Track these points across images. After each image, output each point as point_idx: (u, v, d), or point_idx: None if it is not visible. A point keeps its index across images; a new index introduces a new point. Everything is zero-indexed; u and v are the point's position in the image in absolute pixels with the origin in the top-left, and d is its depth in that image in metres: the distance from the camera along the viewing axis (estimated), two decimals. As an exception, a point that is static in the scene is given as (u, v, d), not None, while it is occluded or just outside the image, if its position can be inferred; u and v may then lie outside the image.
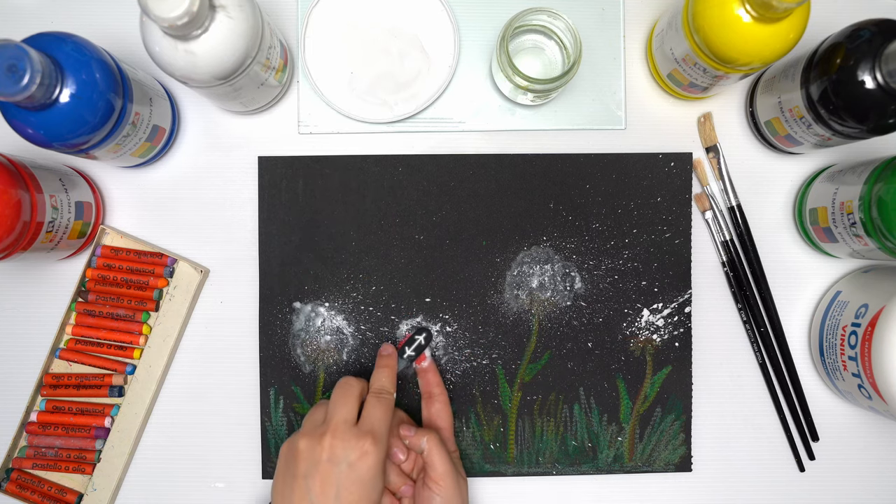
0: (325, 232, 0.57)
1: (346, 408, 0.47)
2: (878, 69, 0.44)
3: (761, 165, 0.59)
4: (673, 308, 0.58)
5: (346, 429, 0.46)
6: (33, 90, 0.42)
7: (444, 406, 0.55)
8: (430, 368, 0.56)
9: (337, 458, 0.45)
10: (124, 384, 0.57)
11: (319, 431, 0.47)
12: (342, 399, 0.48)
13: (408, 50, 0.57)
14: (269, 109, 0.58)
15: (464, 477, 0.52)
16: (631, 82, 0.59)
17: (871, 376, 0.50)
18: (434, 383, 0.55)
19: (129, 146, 0.51)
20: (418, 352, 0.55)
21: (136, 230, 0.58)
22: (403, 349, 0.55)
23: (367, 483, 0.45)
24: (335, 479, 0.45)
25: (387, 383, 0.51)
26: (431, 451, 0.50)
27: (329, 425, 0.47)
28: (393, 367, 0.52)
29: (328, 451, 0.46)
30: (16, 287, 0.58)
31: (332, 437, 0.46)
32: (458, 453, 0.54)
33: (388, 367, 0.52)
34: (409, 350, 0.55)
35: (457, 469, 0.51)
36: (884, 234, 0.48)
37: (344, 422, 0.47)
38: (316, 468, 0.45)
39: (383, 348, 0.54)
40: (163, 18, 0.41)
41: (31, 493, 0.56)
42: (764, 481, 0.58)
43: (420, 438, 0.50)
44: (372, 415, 0.48)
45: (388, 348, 0.54)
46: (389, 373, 0.51)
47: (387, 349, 0.54)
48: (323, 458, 0.45)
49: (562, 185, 0.58)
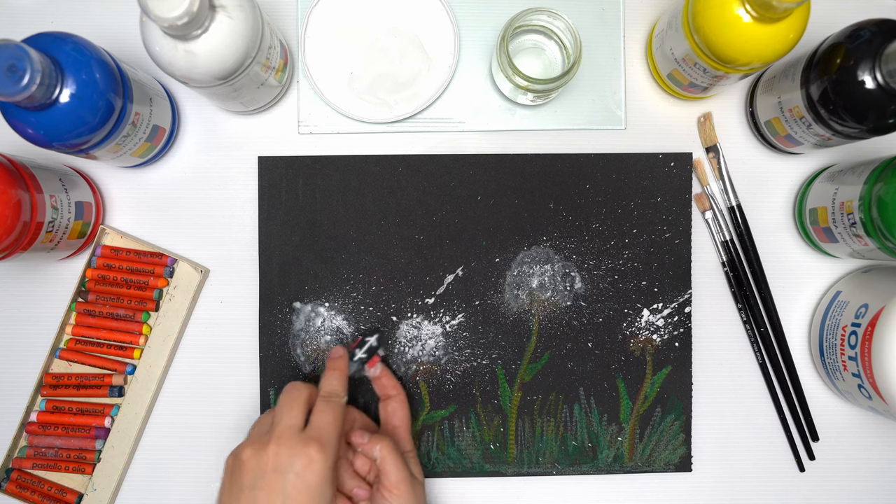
0: (325, 232, 0.57)
1: (292, 413, 0.46)
2: (878, 69, 0.44)
3: (761, 165, 0.59)
4: (673, 308, 0.58)
5: (291, 435, 0.45)
6: (33, 90, 0.42)
7: (401, 404, 0.54)
8: (384, 374, 0.55)
9: (282, 467, 0.44)
10: (124, 384, 0.57)
11: (265, 440, 0.45)
12: (288, 405, 0.47)
13: (408, 50, 0.57)
14: (269, 109, 0.58)
15: (420, 480, 0.51)
16: (631, 82, 0.59)
17: (871, 376, 0.50)
18: (389, 386, 0.54)
19: (129, 146, 0.51)
20: (370, 354, 0.54)
21: (136, 230, 0.58)
22: (354, 352, 0.54)
23: (314, 491, 0.44)
24: (281, 489, 0.43)
25: (336, 386, 0.49)
26: (384, 459, 0.49)
27: (274, 433, 0.45)
28: (343, 369, 0.51)
29: (273, 460, 0.44)
30: (16, 287, 0.58)
31: (278, 444, 0.44)
32: (415, 452, 0.53)
33: (337, 369, 0.50)
34: (359, 353, 0.54)
35: (412, 472, 0.50)
36: (884, 234, 0.48)
37: (289, 428, 0.45)
38: (262, 479, 0.44)
39: (333, 351, 0.53)
40: (163, 18, 0.41)
41: (31, 493, 0.56)
42: (764, 481, 0.58)
43: (373, 446, 0.49)
44: (319, 420, 0.46)
45: (339, 351, 0.53)
46: (339, 375, 0.50)
47: (337, 352, 0.53)
48: (269, 468, 0.44)
49: (562, 185, 0.58)
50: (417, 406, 0.57)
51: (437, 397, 0.58)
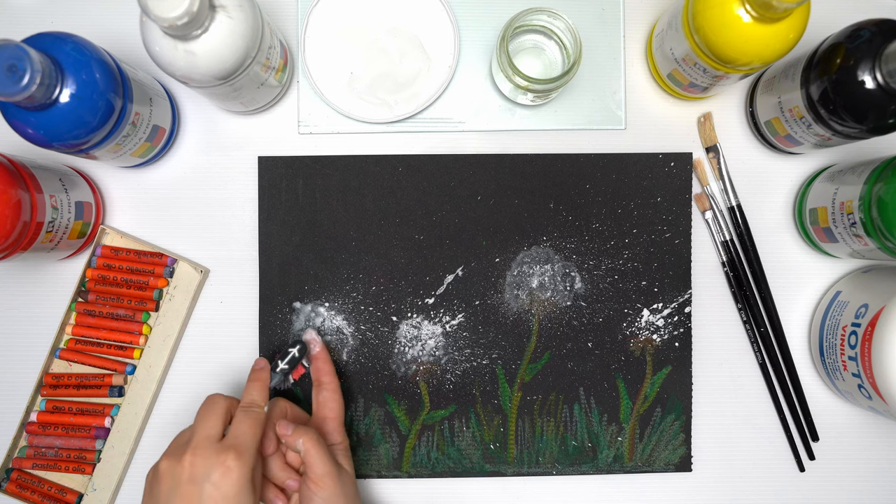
0: (325, 232, 0.57)
1: (209, 424, 0.46)
2: (878, 69, 0.44)
3: (761, 165, 0.59)
4: (673, 308, 0.58)
5: (207, 445, 0.44)
6: (33, 90, 0.42)
7: (333, 394, 0.53)
8: (321, 356, 0.54)
9: (198, 477, 0.43)
10: (124, 384, 0.57)
11: (181, 451, 0.45)
12: (205, 415, 0.46)
13: (408, 50, 0.57)
14: (269, 109, 0.58)
15: (349, 471, 0.50)
16: (631, 82, 0.59)
17: (871, 376, 0.50)
18: (324, 371, 0.53)
19: (129, 146, 0.51)
20: (292, 365, 0.53)
21: (136, 230, 0.58)
22: (277, 363, 0.53)
23: (232, 501, 0.43)
24: (197, 500, 0.43)
25: (257, 397, 0.49)
26: (309, 452, 0.48)
27: (191, 444, 0.45)
28: (264, 380, 0.50)
29: (189, 471, 0.43)
30: (16, 287, 0.58)
31: (193, 454, 0.44)
32: (346, 444, 0.52)
33: (258, 380, 0.50)
34: (282, 363, 0.53)
35: (341, 464, 0.50)
36: (884, 234, 0.48)
37: (206, 438, 0.45)
38: (177, 490, 0.43)
39: (256, 363, 0.52)
40: (163, 18, 0.41)
41: (31, 493, 0.56)
42: (764, 481, 0.58)
43: (296, 438, 0.48)
44: (237, 429, 0.46)
45: (261, 362, 0.52)
46: (260, 386, 0.50)
47: (259, 363, 0.52)
48: (184, 478, 0.43)
49: (562, 185, 0.58)
50: (417, 406, 0.57)
51: (437, 397, 0.58)
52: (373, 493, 0.58)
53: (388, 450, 0.57)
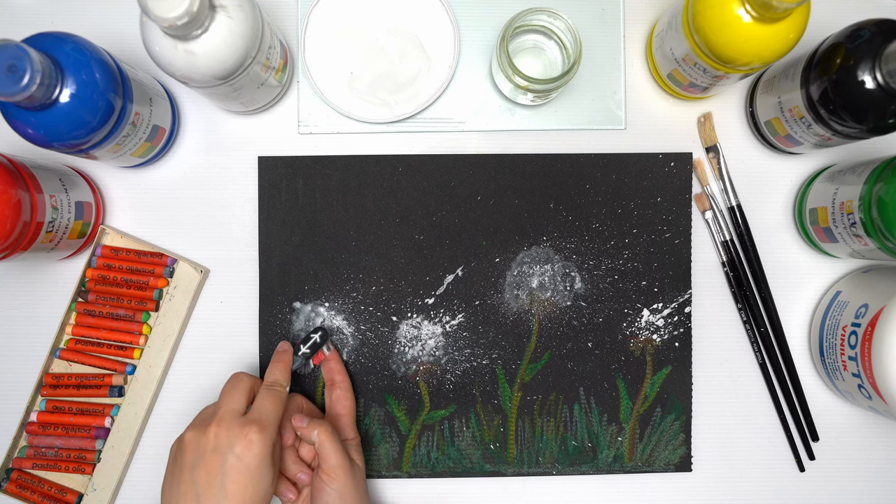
0: (325, 232, 0.57)
1: (234, 399, 0.48)
2: (878, 69, 0.44)
3: (761, 165, 0.59)
4: (673, 308, 0.58)
5: (231, 418, 0.46)
6: (33, 90, 0.42)
7: (345, 392, 0.55)
8: (333, 357, 0.56)
9: (222, 448, 0.45)
10: (124, 384, 0.57)
11: (206, 423, 0.46)
12: (230, 391, 0.48)
13: (408, 50, 0.57)
14: (269, 109, 0.58)
15: (360, 466, 0.52)
16: (631, 82, 0.59)
17: (871, 376, 0.50)
18: (336, 371, 0.55)
19: (129, 146, 0.51)
20: (313, 350, 0.55)
21: (136, 230, 0.58)
22: (299, 347, 0.55)
23: (253, 472, 0.45)
24: (221, 469, 0.44)
25: (279, 377, 0.51)
26: (323, 444, 0.49)
27: (215, 416, 0.46)
28: (287, 362, 0.52)
29: (213, 441, 0.45)
30: (16, 287, 0.58)
31: (218, 426, 0.46)
32: (358, 441, 0.54)
33: (281, 361, 0.52)
34: (303, 348, 0.55)
35: (352, 459, 0.51)
36: (884, 234, 0.48)
37: (230, 412, 0.47)
38: (202, 459, 0.45)
39: (280, 345, 0.54)
40: (163, 18, 0.41)
41: (31, 493, 0.56)
42: (764, 481, 0.58)
43: (311, 430, 0.50)
44: (261, 405, 0.48)
45: (284, 345, 0.54)
46: (283, 367, 0.52)
47: (282, 346, 0.54)
48: (208, 448, 0.45)
49: (562, 185, 0.58)
50: (417, 406, 0.57)
51: (437, 397, 0.58)
52: (373, 493, 0.58)
53: (388, 450, 0.57)
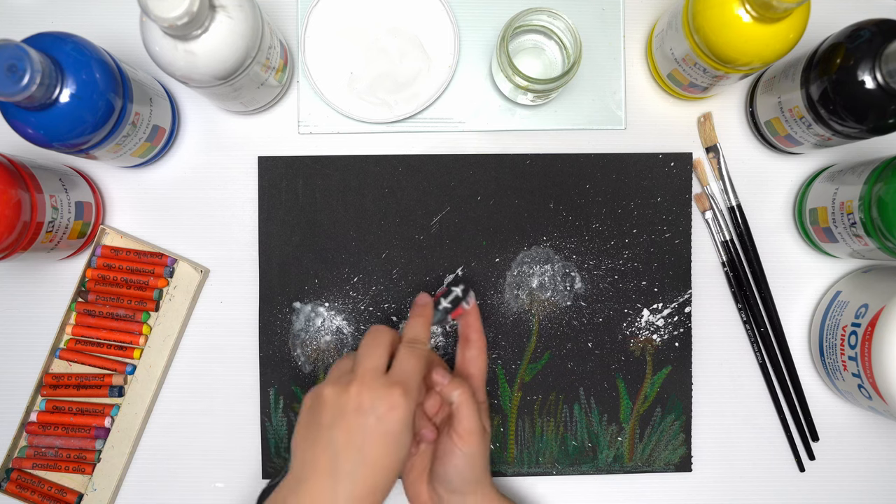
0: (325, 232, 0.57)
1: (376, 356, 0.44)
2: (878, 69, 0.44)
3: (761, 165, 0.59)
4: (673, 308, 0.58)
5: (374, 378, 0.43)
6: (33, 90, 0.42)
7: (480, 353, 0.51)
8: (473, 311, 0.52)
9: (364, 409, 0.42)
10: (124, 384, 0.57)
11: (346, 380, 0.43)
12: (372, 347, 0.45)
13: (408, 50, 0.57)
14: (269, 109, 0.58)
15: (488, 431, 0.50)
16: (631, 82, 0.59)
17: (871, 376, 0.50)
18: (474, 328, 0.52)
19: (129, 146, 0.51)
20: (455, 304, 0.51)
21: (136, 230, 0.58)
22: (440, 301, 0.51)
23: (394, 437, 0.42)
24: (361, 431, 0.42)
25: (421, 333, 0.47)
26: (461, 406, 0.47)
27: (357, 374, 0.43)
28: (428, 316, 0.49)
29: (355, 401, 0.42)
30: (16, 287, 0.58)
31: (360, 385, 0.43)
32: (487, 404, 0.52)
33: (422, 316, 0.48)
34: (444, 302, 0.51)
35: (483, 423, 0.49)
36: (884, 234, 0.48)
37: (372, 370, 0.43)
38: (342, 418, 0.42)
39: (419, 298, 0.50)
40: (163, 18, 0.41)
41: (31, 493, 0.56)
42: (764, 481, 0.58)
43: (452, 389, 0.47)
44: (404, 365, 0.44)
45: (425, 298, 0.50)
46: (423, 322, 0.48)
47: (423, 299, 0.50)
48: (349, 408, 0.42)
49: (562, 185, 0.58)
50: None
51: (437, 397, 0.58)
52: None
53: (388, 450, 0.57)
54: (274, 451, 0.57)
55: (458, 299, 0.51)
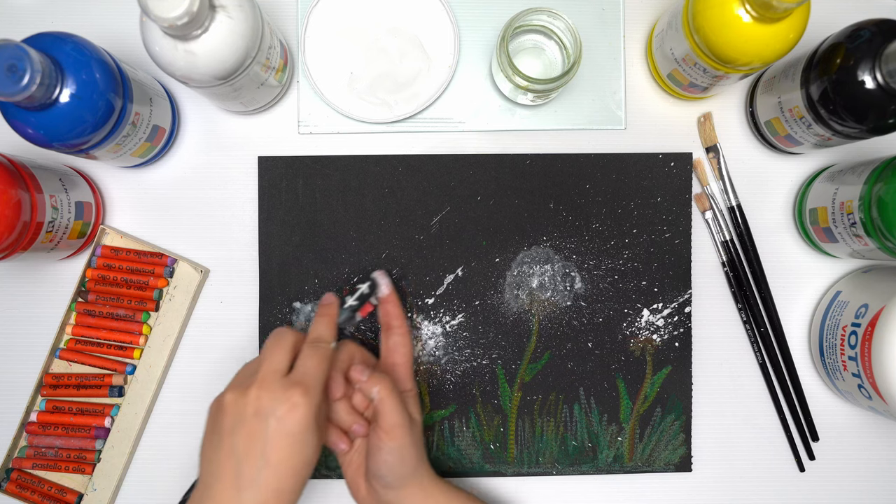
0: (325, 232, 0.57)
1: (277, 358, 0.44)
2: (878, 69, 0.44)
3: (761, 165, 0.59)
4: (673, 308, 0.58)
5: (273, 379, 0.43)
6: (33, 90, 0.42)
7: (403, 339, 0.51)
8: (391, 299, 0.52)
9: (264, 412, 0.42)
10: (124, 384, 0.57)
11: (247, 384, 0.43)
12: (272, 349, 0.45)
13: (408, 50, 0.57)
14: (269, 109, 0.58)
15: (418, 419, 0.49)
16: (631, 82, 0.59)
17: (871, 376, 0.50)
18: (393, 315, 0.52)
19: (129, 146, 0.51)
20: (361, 301, 0.51)
21: (136, 230, 0.58)
22: (345, 299, 0.51)
23: (297, 438, 0.42)
24: (262, 435, 0.41)
25: (324, 332, 0.47)
26: (383, 401, 0.47)
27: (256, 377, 0.43)
28: (332, 315, 0.49)
29: (254, 405, 0.42)
30: (16, 287, 0.58)
31: (259, 388, 0.43)
32: (416, 391, 0.51)
33: (326, 315, 0.48)
34: (350, 300, 0.51)
35: (410, 413, 0.49)
36: (884, 234, 0.48)
37: (273, 372, 0.43)
38: (242, 423, 0.42)
39: (324, 297, 0.50)
40: (163, 18, 0.41)
41: (31, 493, 0.56)
42: (764, 481, 0.58)
43: (371, 386, 0.47)
44: (304, 364, 0.44)
45: (329, 297, 0.50)
46: (328, 321, 0.48)
47: (327, 298, 0.50)
48: (249, 412, 0.42)
49: (562, 185, 0.58)
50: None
51: (437, 397, 0.58)
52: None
53: (388, 450, 0.57)
54: (274, 451, 0.57)
55: (364, 296, 0.51)
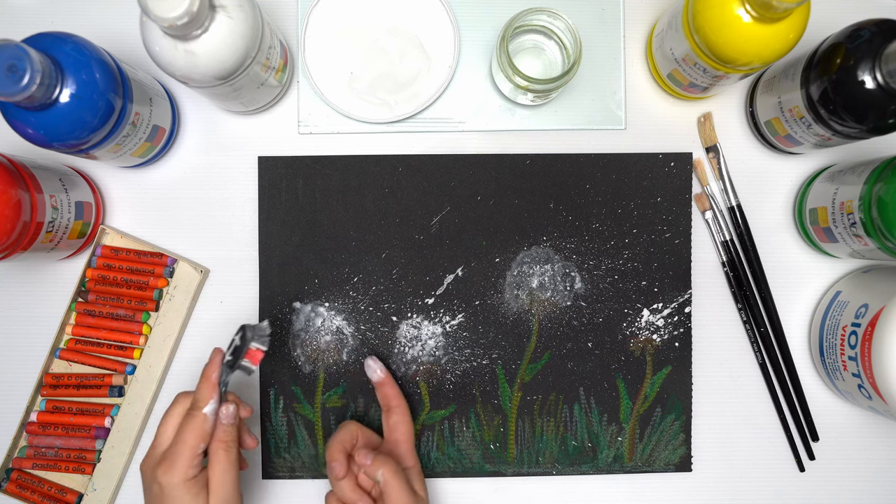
0: (325, 232, 0.57)
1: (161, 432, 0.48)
2: (878, 69, 0.44)
3: (761, 165, 0.59)
4: (673, 308, 0.58)
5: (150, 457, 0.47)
6: (33, 90, 0.42)
7: (403, 417, 0.54)
8: (386, 382, 0.54)
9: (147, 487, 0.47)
10: (124, 384, 0.57)
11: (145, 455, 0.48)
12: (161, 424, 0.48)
13: (408, 50, 0.57)
14: (269, 109, 0.58)
15: (422, 495, 0.52)
16: (631, 82, 0.59)
17: (871, 376, 0.50)
18: (391, 396, 0.54)
19: (129, 146, 0.51)
20: (237, 355, 0.48)
21: (136, 230, 0.58)
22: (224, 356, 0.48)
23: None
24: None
25: (199, 396, 0.47)
26: (388, 483, 0.49)
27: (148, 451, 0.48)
28: (208, 375, 0.47)
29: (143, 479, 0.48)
30: (16, 287, 0.58)
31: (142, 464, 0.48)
32: (419, 467, 0.53)
33: (203, 377, 0.48)
34: (227, 355, 0.48)
35: (415, 489, 0.51)
36: (884, 234, 0.48)
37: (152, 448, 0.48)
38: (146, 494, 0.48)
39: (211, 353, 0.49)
40: (163, 18, 0.41)
41: (31, 493, 0.56)
42: (764, 481, 0.58)
43: (376, 469, 0.49)
44: (176, 438, 0.47)
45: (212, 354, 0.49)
46: (204, 383, 0.47)
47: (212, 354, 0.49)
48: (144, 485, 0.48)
49: (562, 185, 0.58)
50: (417, 406, 0.57)
51: (437, 397, 0.58)
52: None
53: (388, 450, 0.57)
54: (274, 451, 0.57)
55: (238, 349, 0.48)
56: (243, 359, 0.49)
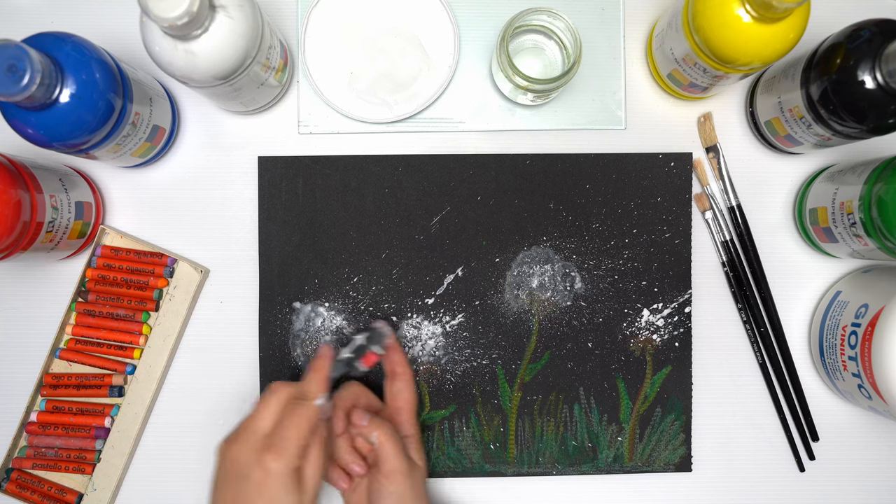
0: (325, 232, 0.57)
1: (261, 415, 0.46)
2: (878, 69, 0.44)
3: (761, 165, 0.59)
4: (673, 308, 0.58)
5: (253, 440, 0.45)
6: (33, 90, 0.42)
7: (406, 385, 0.53)
8: (394, 350, 0.54)
9: (241, 473, 0.44)
10: (124, 384, 0.57)
11: (234, 439, 0.45)
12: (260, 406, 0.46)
13: (408, 50, 0.57)
14: (269, 109, 0.58)
15: (420, 465, 0.51)
16: (631, 82, 0.59)
17: (871, 376, 0.50)
18: (397, 362, 0.53)
19: (129, 146, 0.51)
20: (358, 353, 0.51)
21: (136, 230, 0.58)
22: (341, 351, 0.51)
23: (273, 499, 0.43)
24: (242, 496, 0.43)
25: (311, 388, 0.47)
26: (383, 446, 0.48)
27: (240, 435, 0.45)
28: (321, 369, 0.49)
29: (233, 464, 0.44)
30: (16, 287, 0.58)
31: (239, 448, 0.45)
32: (419, 436, 0.53)
33: (315, 370, 0.49)
34: (345, 352, 0.51)
35: (412, 458, 0.50)
36: (884, 234, 0.48)
37: (253, 432, 0.45)
38: (226, 482, 0.45)
39: (321, 349, 0.50)
40: (163, 18, 0.41)
41: (31, 493, 0.56)
42: (764, 481, 0.58)
43: (371, 431, 0.48)
44: (283, 425, 0.45)
45: (324, 350, 0.50)
46: (316, 377, 0.48)
47: (322, 350, 0.50)
48: (231, 472, 0.44)
49: (562, 185, 0.58)
50: (417, 406, 0.57)
51: (437, 397, 0.58)
52: (373, 493, 0.58)
53: (388, 450, 0.57)
54: (274, 451, 0.57)
55: (361, 348, 0.51)
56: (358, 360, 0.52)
